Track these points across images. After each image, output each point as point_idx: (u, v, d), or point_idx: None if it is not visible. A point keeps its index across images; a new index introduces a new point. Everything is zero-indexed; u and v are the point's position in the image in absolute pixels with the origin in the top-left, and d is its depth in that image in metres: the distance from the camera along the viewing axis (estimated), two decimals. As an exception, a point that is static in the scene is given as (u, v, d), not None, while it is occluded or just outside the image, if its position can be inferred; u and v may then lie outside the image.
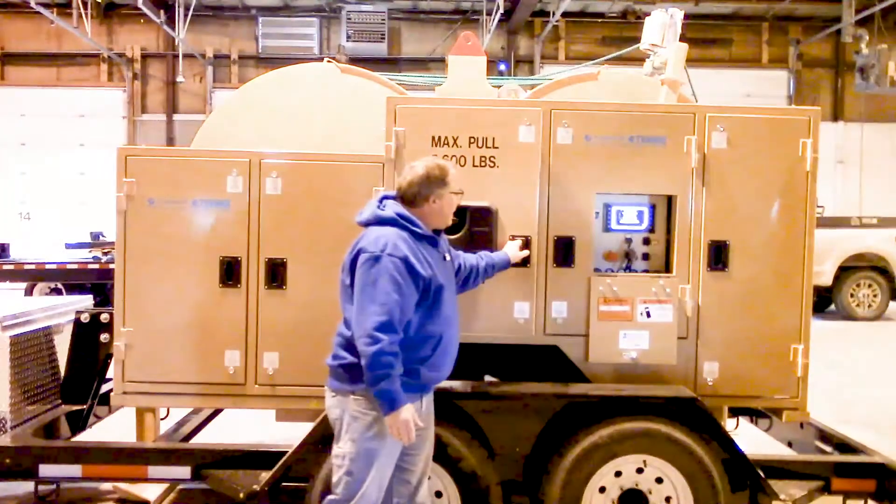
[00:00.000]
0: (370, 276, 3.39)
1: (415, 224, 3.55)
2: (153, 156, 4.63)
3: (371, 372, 3.33)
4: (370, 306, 3.36)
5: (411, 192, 3.61)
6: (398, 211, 3.57)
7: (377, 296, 3.36)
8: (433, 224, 3.65)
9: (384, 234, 3.47)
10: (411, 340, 3.48)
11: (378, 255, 3.40)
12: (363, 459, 3.48)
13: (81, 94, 20.06)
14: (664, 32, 5.14)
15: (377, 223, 3.57)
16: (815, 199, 4.44)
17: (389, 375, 3.31)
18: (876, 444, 4.89)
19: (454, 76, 4.96)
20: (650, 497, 4.12)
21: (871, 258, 15.08)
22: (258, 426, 6.03)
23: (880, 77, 17.35)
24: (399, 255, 3.40)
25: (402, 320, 3.38)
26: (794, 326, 4.42)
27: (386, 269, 3.37)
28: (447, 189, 3.63)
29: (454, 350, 3.71)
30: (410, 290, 3.41)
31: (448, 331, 3.62)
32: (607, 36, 20.03)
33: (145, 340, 4.49)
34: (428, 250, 3.57)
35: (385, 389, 3.32)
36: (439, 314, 3.57)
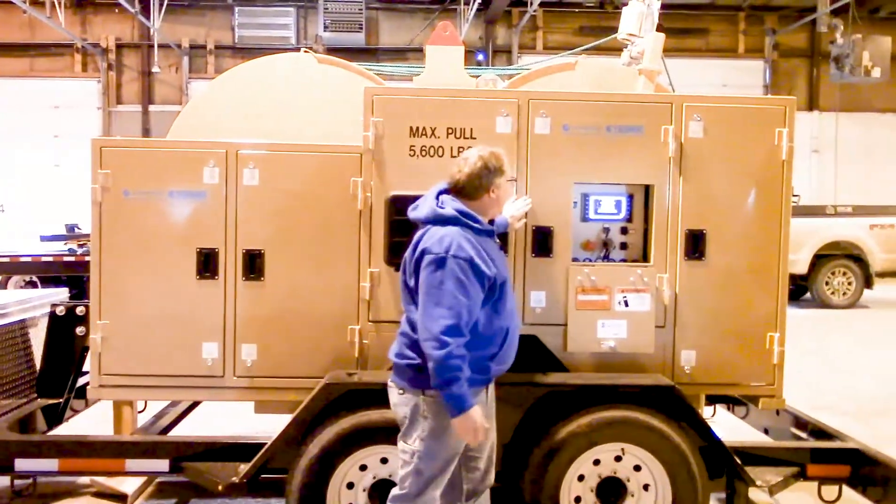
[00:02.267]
0: (436, 279, 3.34)
1: (476, 220, 3.49)
2: (128, 147, 4.59)
3: (439, 376, 3.30)
4: (437, 309, 3.31)
5: (471, 185, 3.51)
6: (458, 208, 3.49)
7: (444, 299, 3.31)
8: (491, 215, 3.61)
9: (448, 234, 3.41)
10: (480, 338, 3.45)
11: (443, 257, 3.34)
12: (433, 458, 3.48)
13: (55, 84, 19.83)
14: (641, 22, 5.15)
15: (439, 222, 3.48)
16: (790, 187, 4.48)
17: (459, 379, 3.28)
18: (850, 429, 4.95)
19: (432, 66, 4.95)
20: (628, 485, 4.15)
21: (846, 246, 15.23)
22: (236, 418, 6.01)
23: (855, 67, 17.50)
24: (464, 257, 3.34)
25: (468, 322, 3.34)
26: (770, 314, 4.46)
27: (452, 272, 3.32)
28: (504, 177, 3.58)
29: (517, 340, 3.69)
30: (476, 291, 3.37)
31: (513, 322, 3.61)
32: (585, 26, 20.06)
33: (122, 333, 4.46)
34: (488, 245, 3.52)
35: (454, 394, 3.29)
36: (504, 308, 3.55)
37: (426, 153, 4.33)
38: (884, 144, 20.65)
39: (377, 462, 4.09)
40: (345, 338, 4.43)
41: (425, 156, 4.33)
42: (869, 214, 15.50)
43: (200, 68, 20.07)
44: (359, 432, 4.04)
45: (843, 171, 20.65)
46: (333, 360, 4.42)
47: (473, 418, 3.32)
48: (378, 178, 4.36)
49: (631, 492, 4.15)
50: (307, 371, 4.42)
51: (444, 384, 3.29)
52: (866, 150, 20.69)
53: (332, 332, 4.44)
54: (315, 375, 4.31)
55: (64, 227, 15.08)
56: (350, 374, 4.29)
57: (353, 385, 4.15)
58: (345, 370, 4.34)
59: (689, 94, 4.56)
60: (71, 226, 15.09)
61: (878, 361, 10.27)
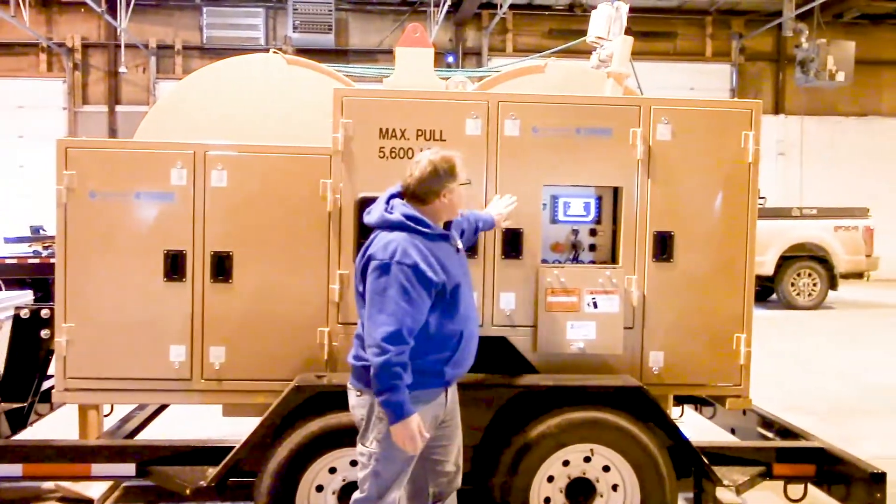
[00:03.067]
0: (380, 285, 3.32)
1: (425, 225, 3.45)
2: (94, 148, 4.54)
3: (378, 382, 3.28)
4: (380, 316, 3.30)
5: (422, 190, 3.48)
6: (406, 213, 3.46)
7: (386, 305, 3.29)
8: (443, 218, 3.57)
9: (394, 240, 3.38)
10: (432, 342, 3.44)
11: (387, 263, 3.32)
12: (390, 459, 3.45)
13: (19, 84, 19.53)
14: (610, 25, 5.19)
15: (387, 227, 3.46)
16: (756, 190, 4.53)
17: (396, 387, 3.26)
18: (816, 429, 5.01)
19: (402, 68, 4.95)
20: (597, 485, 4.17)
21: (811, 248, 15.43)
22: (204, 422, 5.96)
23: (819, 71, 17.76)
24: (408, 263, 3.31)
25: (412, 329, 3.31)
26: (736, 315, 4.51)
27: (396, 278, 3.30)
28: (456, 182, 3.54)
29: (475, 343, 3.67)
30: (421, 298, 3.33)
31: (468, 326, 3.57)
32: (554, 28, 20.13)
33: (88, 336, 4.41)
34: (441, 249, 3.49)
35: (391, 401, 3.27)
36: (457, 312, 3.51)
37: (396, 155, 4.33)
38: (847, 147, 20.94)
39: (346, 465, 4.08)
40: (314, 340, 4.41)
41: (395, 157, 4.33)
42: (833, 217, 15.71)
43: (168, 69, 19.87)
44: (328, 435, 4.03)
45: (809, 173, 20.92)
46: (302, 362, 4.40)
47: (411, 426, 3.30)
48: (347, 179, 4.35)
49: (600, 492, 4.17)
50: (276, 374, 4.39)
51: (383, 390, 3.27)
52: (831, 152, 20.98)
53: (301, 335, 4.42)
54: (284, 378, 4.29)
55: (29, 228, 14.86)
56: (319, 376, 4.27)
57: (323, 387, 4.13)
58: (314, 372, 4.32)
59: (656, 96, 4.60)
60: (36, 227, 14.88)
61: (843, 361, 10.41)
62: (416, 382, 3.39)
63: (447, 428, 3.68)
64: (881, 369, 9.92)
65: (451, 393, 3.67)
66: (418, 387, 3.41)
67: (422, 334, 3.38)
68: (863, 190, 19.89)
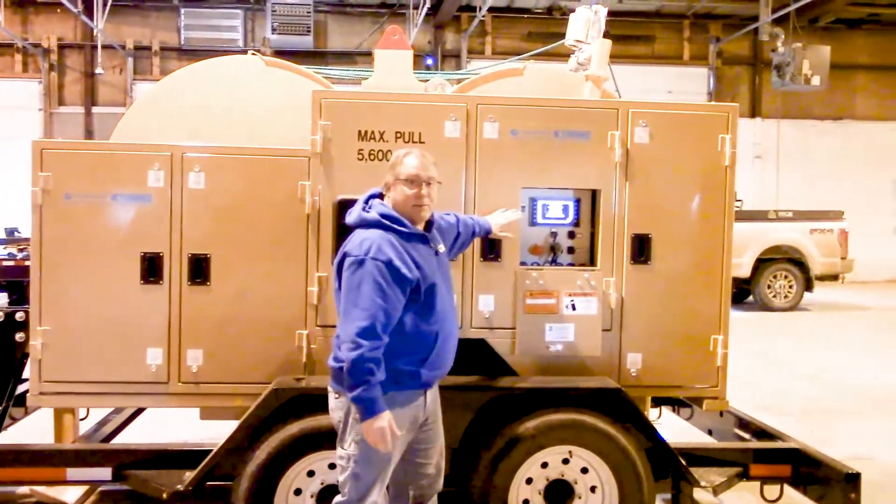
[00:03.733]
0: (354, 281, 3.33)
1: (401, 224, 3.46)
2: (70, 149, 4.50)
3: (350, 377, 3.28)
4: (353, 311, 3.30)
5: (383, 183, 3.59)
6: (382, 211, 3.48)
7: (360, 301, 3.29)
8: (406, 215, 3.52)
9: (369, 237, 3.40)
10: (407, 342, 3.43)
11: (362, 259, 3.33)
12: (368, 461, 3.44)
13: (-5, 85, 19.36)
14: (588, 29, 5.20)
15: (363, 225, 3.48)
16: (733, 193, 4.56)
17: (368, 382, 3.25)
18: (792, 429, 5.05)
19: (381, 70, 4.95)
20: (576, 487, 4.18)
21: (787, 250, 15.55)
22: (181, 425, 5.92)
23: (795, 75, 17.90)
24: (382, 259, 3.32)
25: (387, 325, 3.31)
26: (713, 317, 4.54)
27: (370, 274, 3.30)
28: (394, 177, 3.54)
29: (453, 345, 3.66)
30: (395, 294, 3.34)
31: (444, 326, 3.56)
32: (533, 31, 20.18)
33: (63, 339, 4.37)
34: (417, 248, 3.49)
35: (362, 397, 3.27)
36: (433, 312, 3.51)
37: (374, 157, 4.32)
38: (823, 151, 21.14)
39: (325, 468, 4.07)
40: (292, 343, 4.39)
41: (373, 160, 4.32)
42: (809, 219, 15.85)
43: (145, 70, 19.73)
44: (307, 438, 4.02)
45: (785, 176, 21.08)
46: (281, 365, 4.38)
47: (381, 423, 3.29)
48: (326, 181, 4.34)
49: (578, 494, 4.19)
50: (254, 376, 4.37)
51: (354, 386, 3.27)
52: (806, 156, 21.16)
53: (279, 337, 4.40)
54: (262, 381, 4.27)
55: (3, 230, 14.71)
56: (298, 379, 4.26)
57: (301, 390, 4.12)
58: (292, 375, 4.31)
59: (634, 100, 4.63)
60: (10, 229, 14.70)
61: (818, 362, 10.50)
62: (393, 383, 3.39)
63: (429, 430, 3.68)
64: (856, 370, 10.02)
65: (432, 395, 3.66)
66: (394, 387, 3.41)
67: (397, 334, 3.38)
68: (838, 193, 20.10)
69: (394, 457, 3.51)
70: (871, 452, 6.55)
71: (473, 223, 4.09)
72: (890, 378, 9.54)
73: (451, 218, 3.94)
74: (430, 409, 3.64)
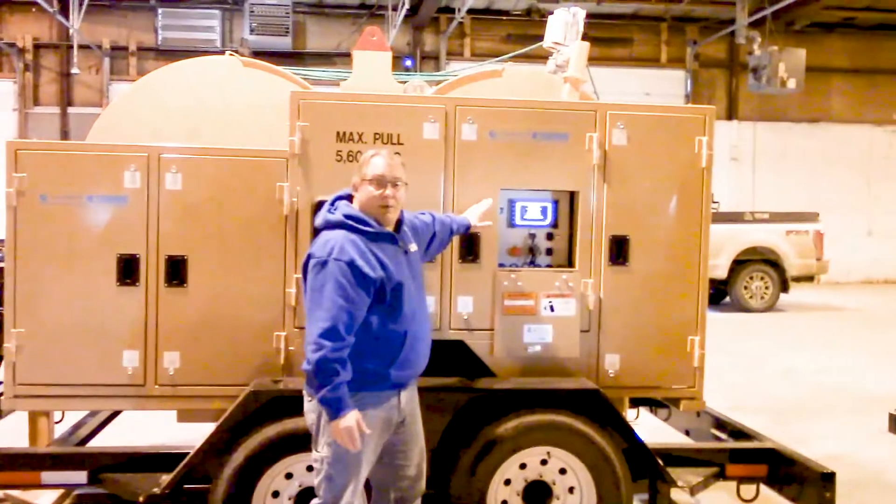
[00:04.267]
0: (318, 282, 3.33)
1: (365, 223, 3.46)
2: (46, 150, 4.47)
3: (315, 378, 3.28)
4: (316, 312, 3.30)
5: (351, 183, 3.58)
6: (346, 212, 3.48)
7: (323, 301, 3.29)
8: (374, 215, 3.51)
9: (332, 238, 3.40)
10: (375, 341, 3.43)
11: (325, 260, 3.33)
12: (342, 463, 3.43)
13: (-32, 85, 19.15)
14: (567, 31, 5.21)
15: (328, 227, 3.48)
16: (710, 194, 4.59)
17: (332, 382, 3.25)
18: (768, 429, 5.09)
19: (359, 71, 4.94)
20: (554, 488, 4.20)
21: (763, 252, 15.67)
22: (158, 428, 5.89)
23: (771, 78, 18.06)
24: (345, 259, 3.32)
25: (350, 325, 3.30)
26: (691, 318, 4.57)
27: (332, 275, 3.30)
28: (361, 177, 3.53)
29: (423, 345, 3.65)
30: (359, 295, 3.33)
31: (412, 327, 3.54)
32: (512, 33, 20.22)
33: (38, 341, 4.33)
34: (383, 248, 3.47)
35: (327, 397, 3.26)
36: (401, 312, 3.49)
37: (353, 158, 4.31)
38: (799, 153, 21.33)
39: (303, 470, 4.05)
40: (270, 344, 4.38)
41: (352, 161, 4.31)
42: (785, 221, 15.98)
43: (122, 70, 19.58)
44: (284, 440, 4.00)
45: (761, 178, 21.25)
46: (259, 367, 4.37)
47: (349, 423, 3.28)
48: (304, 183, 4.33)
49: (556, 495, 4.20)
50: (232, 379, 4.35)
51: (320, 387, 3.27)
52: (782, 158, 21.34)
53: (257, 339, 4.38)
54: (240, 383, 4.25)
55: (-23, 232, 14.55)
56: (276, 381, 4.25)
57: (279, 392, 4.11)
58: (270, 377, 4.29)
59: (612, 102, 4.64)
60: (-16, 231, 14.56)
61: (794, 363, 10.59)
62: (361, 384, 3.39)
63: (407, 432, 3.67)
64: (831, 370, 10.12)
65: (407, 396, 3.64)
66: (364, 388, 3.41)
67: (365, 335, 3.38)
68: (813, 195, 20.29)
69: (366, 457, 3.49)
70: (846, 451, 6.62)
71: (451, 221, 4.09)
72: (864, 377, 9.64)
73: (427, 217, 3.94)
74: (406, 410, 3.62)
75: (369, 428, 3.38)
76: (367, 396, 3.43)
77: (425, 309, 3.73)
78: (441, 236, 3.99)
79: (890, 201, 21.61)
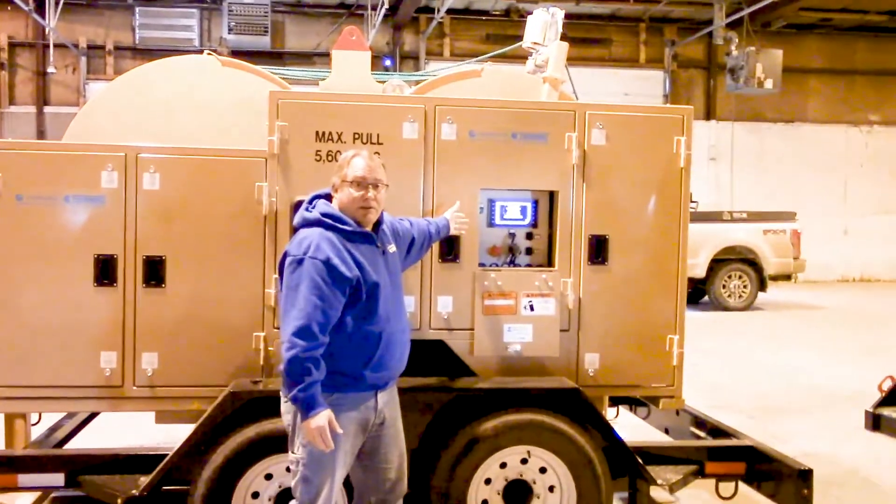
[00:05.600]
0: (293, 280, 3.32)
1: (342, 222, 3.44)
2: (22, 149, 4.42)
3: (287, 377, 3.26)
4: (291, 310, 3.28)
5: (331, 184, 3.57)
6: (324, 210, 3.46)
7: (298, 300, 3.27)
8: (354, 216, 3.50)
9: (308, 236, 3.38)
10: (350, 342, 3.41)
11: (301, 258, 3.32)
12: (317, 464, 3.41)
13: (-58, 83, 18.93)
14: (546, 31, 5.23)
15: (305, 225, 3.47)
16: (688, 194, 4.62)
17: (303, 381, 3.23)
18: (746, 427, 5.13)
19: (338, 71, 4.93)
20: (534, 487, 4.21)
21: (742, 251, 15.79)
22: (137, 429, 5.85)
23: (749, 78, 18.22)
24: (321, 258, 3.30)
25: (324, 325, 3.29)
26: (669, 317, 4.59)
27: (307, 273, 3.29)
28: (341, 178, 3.52)
29: (400, 347, 3.62)
30: (333, 293, 3.31)
31: (388, 328, 3.52)
32: (491, 33, 20.25)
33: (15, 342, 4.29)
34: (361, 248, 3.46)
35: (298, 396, 3.24)
36: (375, 313, 3.47)
37: (332, 158, 4.30)
38: (776, 153, 21.50)
39: (282, 471, 4.03)
40: (249, 345, 4.36)
41: (331, 161, 4.30)
42: (762, 220, 16.11)
43: (99, 69, 19.42)
44: (264, 441, 3.98)
45: (739, 178, 21.40)
46: (238, 368, 4.35)
47: (320, 422, 3.26)
48: (283, 182, 4.31)
49: (537, 493, 4.21)
50: (211, 380, 4.33)
51: (291, 386, 3.25)
52: (760, 158, 21.51)
53: (236, 340, 4.36)
54: (219, 384, 4.23)
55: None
56: (255, 382, 4.23)
57: (258, 393, 4.09)
58: (250, 378, 4.27)
59: (591, 102, 4.66)
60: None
61: (771, 361, 10.68)
62: (336, 385, 3.39)
63: (386, 434, 3.65)
64: (808, 368, 10.21)
65: (385, 398, 3.63)
66: (339, 389, 3.41)
67: (339, 335, 3.37)
68: (790, 194, 20.48)
69: (342, 458, 3.48)
70: (823, 449, 6.68)
71: (428, 225, 4.08)
72: (840, 375, 9.73)
73: (406, 224, 3.94)
74: (384, 412, 3.61)
75: (344, 429, 3.38)
76: (342, 398, 3.42)
77: (402, 311, 3.71)
78: (420, 241, 3.99)
79: (865, 201, 21.85)
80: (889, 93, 22.05)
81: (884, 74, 21.92)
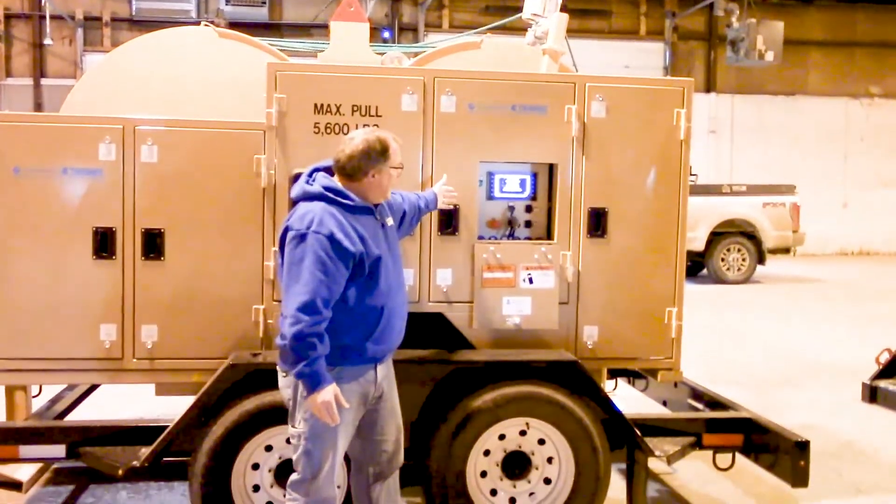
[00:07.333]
0: (296, 255, 3.30)
1: (345, 196, 3.43)
2: (19, 122, 4.40)
3: (292, 353, 3.26)
4: (294, 286, 3.27)
5: (350, 166, 3.46)
6: (326, 184, 3.45)
7: (301, 275, 3.26)
8: (371, 198, 3.52)
9: (311, 210, 3.36)
10: (353, 315, 3.42)
11: (304, 233, 3.30)
12: (319, 437, 3.42)
13: (-62, 56, 18.83)
14: (545, 3, 5.20)
15: (306, 198, 3.45)
16: (688, 167, 4.60)
17: (308, 356, 3.23)
18: (743, 399, 5.16)
19: (337, 43, 4.90)
20: (533, 458, 4.23)
21: (741, 224, 15.80)
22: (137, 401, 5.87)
23: (749, 50, 18.12)
24: (325, 232, 3.29)
25: (328, 300, 3.29)
26: (668, 290, 4.59)
27: (311, 248, 3.27)
28: (387, 164, 3.51)
29: (400, 320, 3.64)
30: (338, 268, 3.31)
31: (389, 301, 3.53)
32: (491, 5, 20.11)
33: (14, 315, 4.29)
34: (362, 222, 3.46)
35: (304, 371, 3.25)
36: (378, 286, 3.48)
37: (331, 130, 4.29)
38: (776, 126, 21.45)
39: (283, 442, 4.05)
40: (249, 318, 4.36)
41: (330, 133, 4.28)
42: (762, 193, 16.11)
43: (96, 41, 19.31)
44: (264, 413, 4.00)
45: (738, 151, 21.38)
46: (237, 340, 4.36)
47: (326, 396, 3.28)
48: (281, 155, 4.30)
49: (535, 465, 4.23)
50: (210, 352, 4.34)
51: (297, 361, 3.26)
52: (760, 131, 21.47)
53: (235, 313, 4.37)
54: (218, 356, 4.24)
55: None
56: (254, 354, 4.24)
57: (258, 365, 4.10)
58: (249, 351, 4.28)
59: (591, 74, 4.63)
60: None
61: (770, 334, 10.72)
62: (339, 358, 3.40)
63: (383, 407, 3.68)
64: (806, 341, 10.25)
65: (384, 370, 3.65)
66: (341, 362, 3.41)
67: (341, 309, 3.37)
68: (790, 167, 20.45)
69: (344, 431, 3.50)
70: (820, 421, 6.72)
71: (418, 199, 4.06)
72: (838, 348, 9.77)
73: (398, 197, 3.93)
74: (382, 385, 3.63)
75: (347, 402, 3.39)
76: (344, 371, 3.43)
77: (402, 283, 3.72)
78: (410, 215, 3.98)
79: (865, 174, 21.83)
80: (890, 65, 21.98)
81: (885, 46, 21.83)
